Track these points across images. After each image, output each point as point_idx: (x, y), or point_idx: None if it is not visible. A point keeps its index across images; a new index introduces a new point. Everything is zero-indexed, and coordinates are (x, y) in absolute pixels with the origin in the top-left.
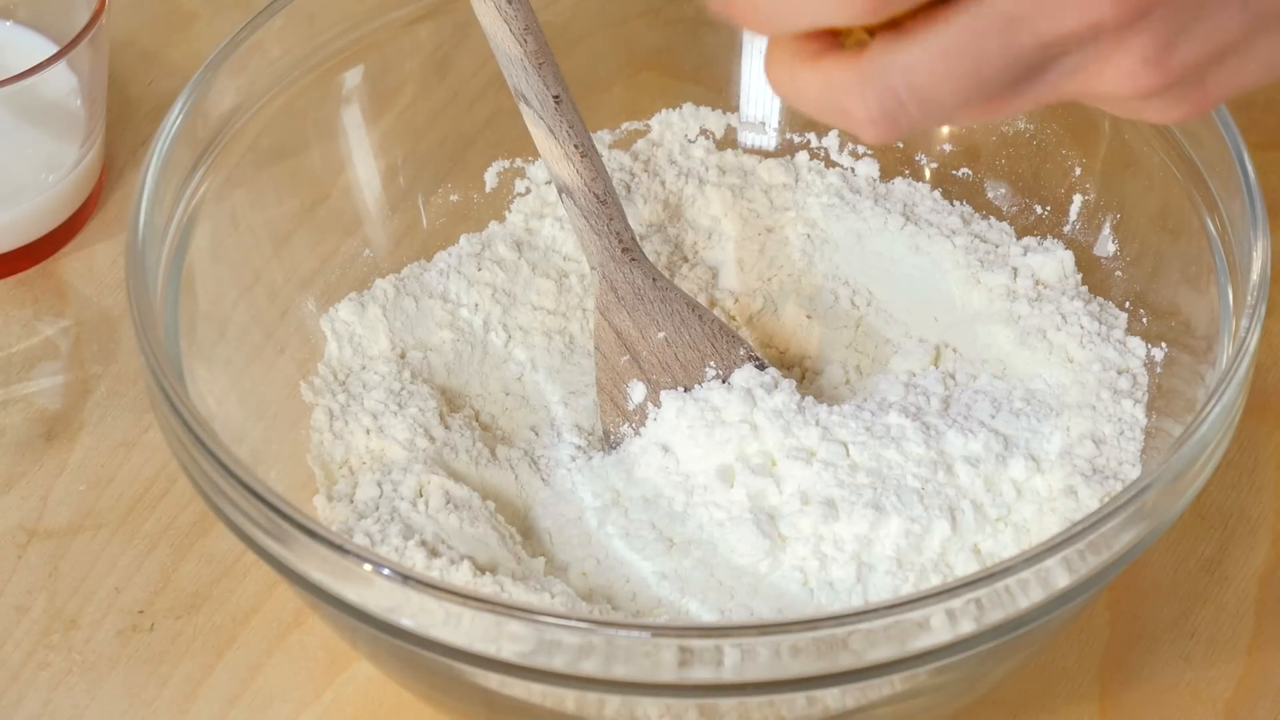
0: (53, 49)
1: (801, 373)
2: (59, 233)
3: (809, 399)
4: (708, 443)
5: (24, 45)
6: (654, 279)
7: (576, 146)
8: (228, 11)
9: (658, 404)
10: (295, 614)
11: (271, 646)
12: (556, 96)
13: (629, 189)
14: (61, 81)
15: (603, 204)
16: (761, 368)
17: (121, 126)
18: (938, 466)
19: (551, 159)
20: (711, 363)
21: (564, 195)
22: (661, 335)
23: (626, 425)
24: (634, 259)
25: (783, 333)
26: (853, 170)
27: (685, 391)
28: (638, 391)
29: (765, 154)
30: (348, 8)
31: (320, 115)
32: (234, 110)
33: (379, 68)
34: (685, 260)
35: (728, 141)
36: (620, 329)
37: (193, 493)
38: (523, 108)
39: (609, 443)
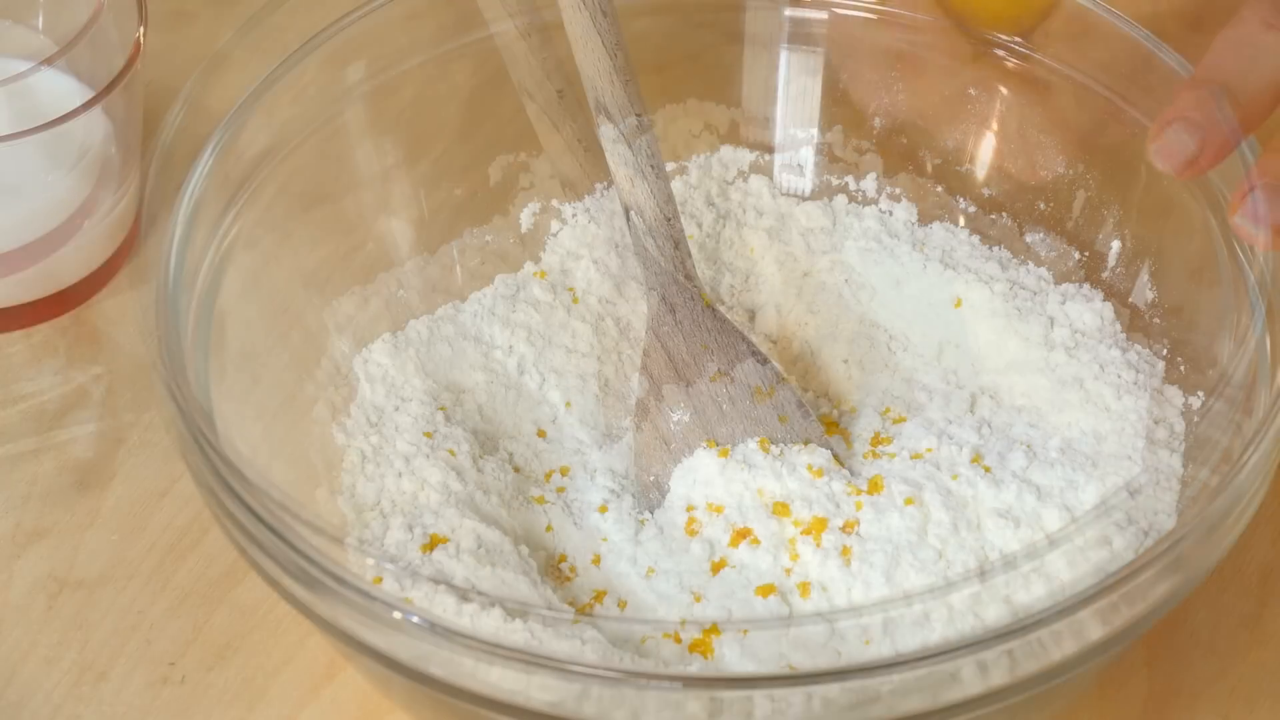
0: (88, 94)
1: (838, 415)
2: (93, 279)
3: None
4: (740, 501)
5: (59, 90)
6: (713, 310)
7: (652, 166)
8: (262, 55)
9: (700, 439)
10: (327, 666)
11: (304, 699)
12: (639, 113)
13: None
14: (96, 127)
15: (670, 224)
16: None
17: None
18: (971, 515)
19: (624, 175)
20: (761, 411)
21: (631, 214)
22: (714, 366)
23: (663, 465)
24: (696, 286)
25: (819, 377)
26: (890, 213)
27: (728, 436)
28: (679, 418)
29: (802, 197)
30: (380, 48)
31: (353, 157)
32: (266, 152)
33: (414, 109)
34: (722, 303)
35: (762, 169)
36: (672, 351)
37: (224, 542)
38: (602, 123)
39: (644, 486)
